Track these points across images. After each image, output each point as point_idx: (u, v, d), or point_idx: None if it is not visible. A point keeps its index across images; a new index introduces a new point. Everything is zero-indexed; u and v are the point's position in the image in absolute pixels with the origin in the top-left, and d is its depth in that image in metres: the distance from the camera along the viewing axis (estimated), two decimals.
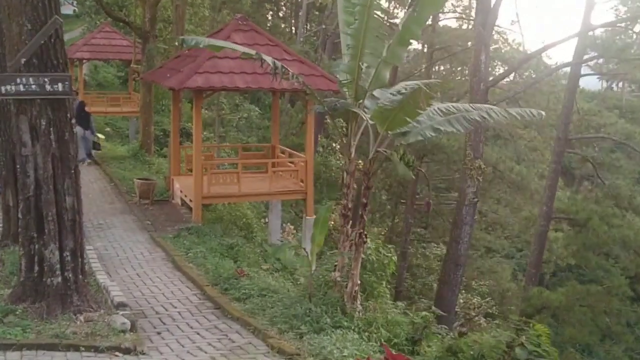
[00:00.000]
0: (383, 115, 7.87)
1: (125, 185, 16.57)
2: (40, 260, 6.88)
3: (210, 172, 13.59)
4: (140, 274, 10.27)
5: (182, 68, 13.14)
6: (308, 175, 14.19)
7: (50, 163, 6.72)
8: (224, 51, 13.00)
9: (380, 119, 7.92)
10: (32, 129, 6.60)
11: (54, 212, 6.84)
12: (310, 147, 14.24)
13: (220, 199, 14.12)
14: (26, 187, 6.77)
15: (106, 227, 13.10)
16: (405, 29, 8.09)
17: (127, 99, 28.16)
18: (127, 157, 20.36)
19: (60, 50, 6.54)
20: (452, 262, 19.49)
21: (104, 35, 26.86)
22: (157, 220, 13.77)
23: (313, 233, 8.48)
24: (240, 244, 12.81)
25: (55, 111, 6.64)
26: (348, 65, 8.39)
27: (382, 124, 7.95)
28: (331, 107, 8.70)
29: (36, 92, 6.46)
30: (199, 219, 13.46)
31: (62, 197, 6.92)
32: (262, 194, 14.37)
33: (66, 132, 6.76)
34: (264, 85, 12.99)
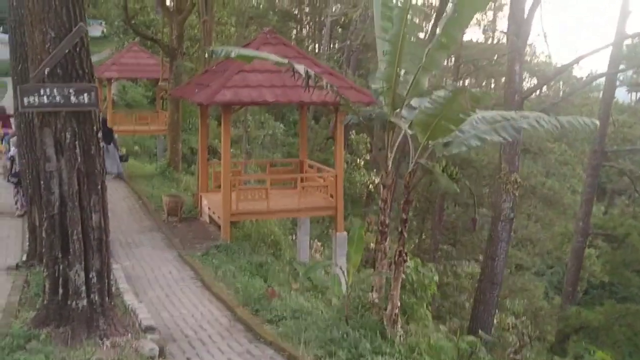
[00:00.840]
0: (424, 124, 7.40)
1: (154, 203, 16.34)
2: (65, 281, 6.53)
3: (238, 189, 13.23)
4: (169, 294, 9.90)
5: (210, 83, 12.88)
6: (338, 190, 13.74)
7: (75, 179, 6.39)
8: (252, 65, 12.75)
9: (421, 128, 7.45)
10: (56, 143, 6.29)
11: (80, 231, 6.50)
12: (340, 160, 13.80)
13: (249, 216, 13.74)
14: (50, 205, 6.44)
15: (134, 246, 12.81)
16: (444, 33, 7.64)
17: (155, 118, 28.16)
18: (155, 174, 20.19)
19: (86, 60, 6.24)
20: (487, 280, 18.76)
21: (132, 55, 26.98)
22: (186, 238, 13.44)
23: (348, 252, 8.01)
24: (269, 262, 12.42)
25: (81, 124, 6.33)
26: (385, 73, 7.95)
27: (423, 133, 7.47)
28: (367, 118, 8.26)
29: (60, 104, 6.16)
30: (227, 237, 13.10)
31: (88, 215, 6.58)
32: (291, 211, 13.95)
33: (92, 146, 6.43)
34: (293, 99, 12.64)
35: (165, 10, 19.71)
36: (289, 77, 13.09)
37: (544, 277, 39.03)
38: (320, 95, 12.77)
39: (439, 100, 7.08)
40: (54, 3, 6.00)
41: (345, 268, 14.41)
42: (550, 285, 38.64)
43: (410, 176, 7.66)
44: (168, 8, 19.64)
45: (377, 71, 8.33)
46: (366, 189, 34.10)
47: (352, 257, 7.90)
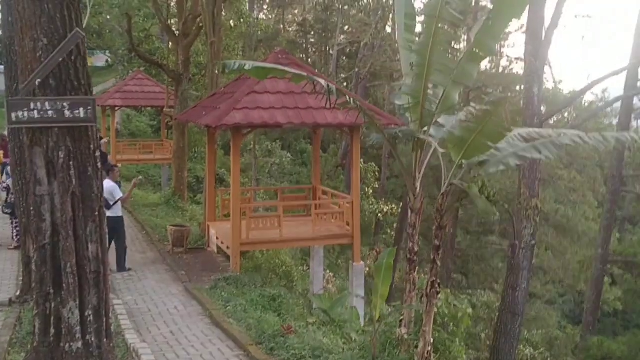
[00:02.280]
0: (458, 141, 6.66)
1: (158, 233, 15.58)
2: (58, 321, 5.74)
3: (248, 217, 12.46)
4: (175, 331, 9.06)
5: (219, 105, 12.23)
6: (355, 217, 12.96)
7: (69, 204, 5.65)
8: (263, 86, 12.14)
9: (455, 145, 6.71)
10: (48, 164, 5.57)
11: (74, 263, 5.73)
12: (356, 186, 13.05)
13: (260, 246, 12.95)
14: (41, 234, 5.69)
15: (137, 279, 12.00)
16: (477, 42, 6.95)
17: (160, 146, 27.63)
18: (160, 204, 19.46)
19: (82, 70, 5.55)
20: (508, 311, 17.73)
21: (136, 82, 26.60)
22: (192, 270, 12.63)
23: (375, 284, 7.20)
24: (283, 295, 11.56)
25: (76, 142, 5.61)
26: (412, 86, 7.25)
27: (457, 151, 6.72)
28: (392, 136, 7.53)
29: (53, 119, 5.46)
30: (237, 268, 12.31)
31: (83, 245, 5.82)
32: (305, 239, 13.16)
33: (89, 167, 5.70)
34: (306, 121, 11.97)
35: (170, 34, 19.25)
36: (301, 98, 12.51)
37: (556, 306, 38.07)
38: (335, 116, 12.21)
39: (477, 114, 6.34)
40: (47, 7, 5.34)
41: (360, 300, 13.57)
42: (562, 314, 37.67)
43: (443, 199, 6.88)
44: (174, 32, 19.17)
45: (403, 86, 7.63)
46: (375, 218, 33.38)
47: (379, 289, 7.10)
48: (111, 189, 12.09)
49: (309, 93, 12.42)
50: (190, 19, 18.72)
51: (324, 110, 12.14)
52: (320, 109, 12.14)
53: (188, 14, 18.80)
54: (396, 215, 33.49)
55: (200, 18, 18.66)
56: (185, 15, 18.76)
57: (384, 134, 7.47)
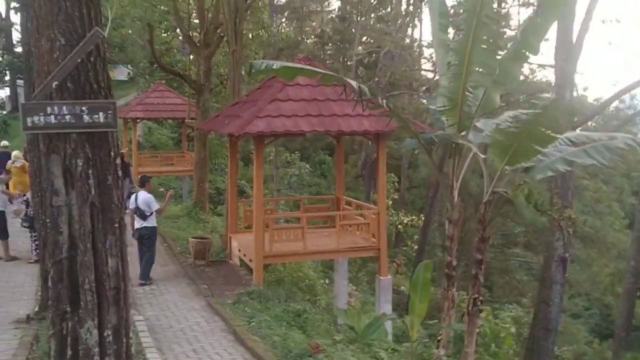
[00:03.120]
0: (503, 146, 6.19)
1: (179, 245, 15.24)
2: (74, 341, 5.32)
3: (271, 228, 12.05)
4: (198, 349, 8.65)
5: (241, 113, 11.89)
6: (381, 228, 12.49)
7: (88, 215, 5.26)
8: (286, 93, 11.79)
9: (499, 151, 6.24)
10: (65, 172, 5.19)
11: (92, 279, 5.33)
12: (382, 196, 12.58)
13: (283, 258, 12.53)
14: (58, 247, 5.31)
15: (158, 293, 11.64)
16: (523, 40, 6.50)
17: (181, 158, 27.44)
18: (181, 215, 19.14)
19: (102, 72, 5.19)
20: (541, 327, 17.09)
21: (157, 95, 26.51)
22: (214, 284, 12.24)
23: (411, 300, 6.72)
24: (308, 310, 11.11)
25: (96, 149, 5.23)
26: (449, 88, 6.81)
27: (502, 156, 6.26)
28: (428, 141, 7.07)
29: (71, 124, 5.08)
30: (260, 281, 11.89)
31: (103, 259, 5.42)
32: (329, 252, 12.69)
33: (109, 176, 5.32)
34: (330, 128, 11.56)
35: (192, 45, 19.04)
36: (325, 105, 12.11)
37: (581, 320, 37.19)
38: (360, 123, 11.78)
39: (524, 118, 5.87)
40: (65, 4, 4.99)
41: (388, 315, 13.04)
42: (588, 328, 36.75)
43: (485, 208, 6.40)
44: (195, 43, 18.96)
45: (439, 87, 7.17)
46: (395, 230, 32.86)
47: (416, 307, 6.61)
48: (148, 200, 12.03)
49: (333, 100, 12.05)
50: (212, 29, 18.51)
51: (349, 117, 11.74)
52: (345, 116, 11.75)
53: (209, 24, 18.59)
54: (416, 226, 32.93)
55: (222, 28, 18.44)
56: (207, 26, 18.55)
57: (419, 139, 7.01)
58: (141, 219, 11.98)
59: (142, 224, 12.03)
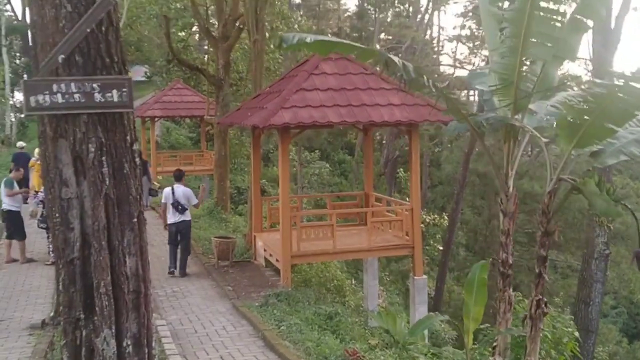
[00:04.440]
0: (571, 127, 5.41)
1: (201, 246, 14.64)
2: (90, 352, 4.68)
3: (299, 226, 11.36)
4: (225, 356, 8.01)
5: (265, 105, 11.21)
6: (415, 225, 11.74)
7: (102, 209, 4.61)
8: (312, 83, 11.12)
9: (568, 131, 5.46)
10: (75, 160, 4.55)
11: (109, 282, 4.68)
12: (416, 191, 11.82)
13: (312, 258, 11.85)
14: (69, 246, 4.67)
15: (181, 296, 11.02)
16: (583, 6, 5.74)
17: (200, 157, 26.92)
18: (202, 215, 18.54)
19: (115, 44, 4.53)
20: (581, 328, 16.15)
21: (175, 92, 26.04)
22: (240, 285, 11.60)
23: (466, 303, 5.98)
24: (340, 312, 10.41)
25: (109, 132, 4.58)
26: (503, 64, 6.03)
27: (570, 138, 5.48)
28: (478, 124, 6.32)
29: (81, 104, 4.44)
30: (288, 282, 11.21)
31: (120, 259, 4.77)
32: (360, 250, 11.95)
33: (125, 163, 4.66)
34: (360, 119, 10.84)
35: (210, 38, 18.44)
36: (354, 95, 11.39)
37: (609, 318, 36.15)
38: (391, 113, 11.05)
39: (598, 91, 5.09)
40: None
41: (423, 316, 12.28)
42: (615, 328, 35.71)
43: (550, 198, 5.63)
44: (213, 36, 18.36)
45: (490, 65, 6.42)
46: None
47: (471, 310, 5.87)
48: (187, 194, 12.12)
49: (362, 89, 11.35)
50: (230, 20, 17.89)
51: (379, 107, 11.03)
52: (375, 106, 11.03)
53: (227, 16, 17.98)
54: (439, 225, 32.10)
55: (241, 19, 17.82)
56: (225, 18, 17.94)
57: (468, 122, 6.25)
58: (180, 212, 11.95)
59: (181, 218, 11.98)
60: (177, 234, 12.06)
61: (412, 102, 11.14)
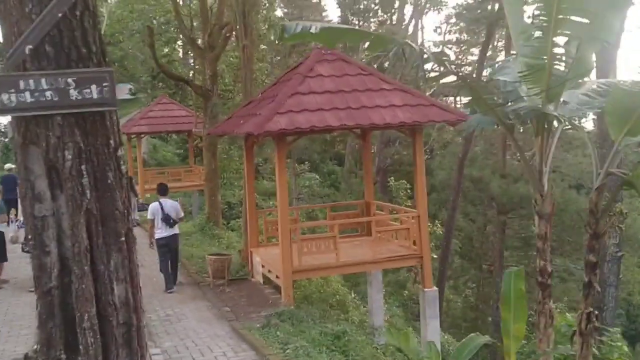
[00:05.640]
0: (620, 114, 4.74)
1: (194, 264, 13.84)
2: None
3: (299, 239, 10.63)
4: None
5: (258, 111, 10.51)
6: (422, 234, 11.05)
7: (83, 227, 3.87)
8: (307, 86, 10.45)
9: (618, 119, 4.80)
10: (50, 170, 3.82)
11: (94, 314, 3.93)
12: (422, 197, 11.14)
13: (315, 272, 11.11)
14: (45, 273, 3.93)
15: (175, 320, 10.20)
16: None
17: (188, 173, 26.11)
18: (193, 232, 17.73)
19: (92, 31, 3.81)
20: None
21: (161, 107, 25.36)
22: (238, 305, 10.82)
23: (503, 319, 5.26)
24: (348, 331, 9.65)
25: (89, 136, 3.85)
26: (532, 46, 5.38)
27: (620, 126, 4.81)
28: (507, 115, 5.64)
29: (54, 104, 3.73)
30: (290, 300, 10.46)
31: (107, 286, 4.03)
32: (365, 263, 11.22)
33: (109, 173, 3.93)
34: (361, 122, 10.16)
35: (195, 48, 17.76)
36: (353, 97, 10.69)
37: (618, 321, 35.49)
38: (394, 115, 10.38)
39: None
40: None
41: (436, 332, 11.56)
42: None
43: (598, 195, 4.96)
44: (199, 46, 17.67)
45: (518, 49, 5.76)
46: None
47: (510, 326, 5.15)
48: (177, 207, 11.91)
49: (361, 90, 10.70)
50: (216, 29, 17.22)
51: (380, 109, 10.37)
52: (376, 108, 10.36)
53: (213, 25, 17.31)
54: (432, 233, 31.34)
55: (227, 28, 17.17)
56: (210, 26, 17.27)
57: (496, 114, 5.58)
58: (170, 226, 11.65)
59: (172, 232, 11.74)
60: (168, 248, 11.72)
61: (415, 103, 10.50)
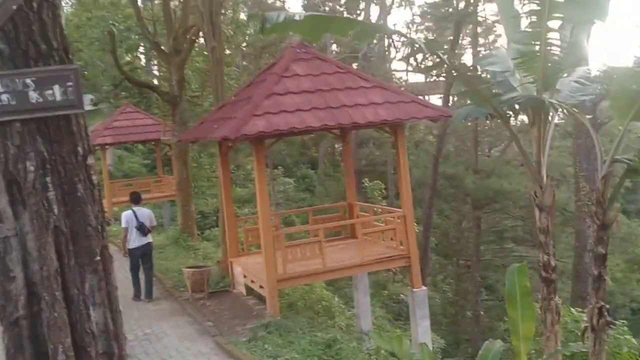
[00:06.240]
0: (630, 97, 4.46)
1: (171, 278, 13.27)
2: None
3: (283, 246, 10.20)
4: None
5: (233, 114, 10.06)
6: (409, 233, 10.74)
7: (52, 247, 3.40)
8: (283, 86, 10.06)
9: (623, 104, 4.52)
10: (10, 184, 3.33)
11: (69, 344, 3.45)
12: (407, 196, 10.82)
13: (301, 280, 10.68)
14: (10, 301, 3.43)
15: (155, 338, 9.66)
16: None
17: (158, 183, 25.39)
18: (167, 244, 17.12)
19: (53, 24, 3.34)
20: None
21: (126, 117, 24.57)
22: (221, 319, 10.34)
23: (510, 317, 4.93)
24: (339, 338, 9.28)
25: (54, 143, 3.38)
26: (526, 33, 5.09)
27: (625, 111, 4.54)
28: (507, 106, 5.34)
29: (11, 108, 3.25)
30: (276, 310, 10.03)
31: (82, 313, 3.56)
32: (353, 267, 10.84)
33: (78, 184, 3.46)
34: (342, 121, 9.79)
35: (160, 53, 17.18)
36: (332, 96, 10.29)
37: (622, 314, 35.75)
38: (375, 113, 10.05)
39: None
40: None
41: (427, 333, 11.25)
42: None
43: (605, 184, 4.68)
44: (163, 51, 17.11)
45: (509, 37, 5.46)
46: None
47: (519, 326, 4.81)
48: (150, 215, 11.81)
49: (340, 89, 10.35)
50: (181, 33, 16.71)
51: (361, 107, 10.03)
52: (356, 106, 10.01)
53: (177, 28, 16.79)
54: None
55: (192, 31, 16.66)
56: (175, 30, 16.74)
57: (491, 104, 5.27)
58: (144, 235, 11.52)
59: (146, 241, 11.61)
60: (141, 257, 11.60)
61: (395, 100, 10.18)
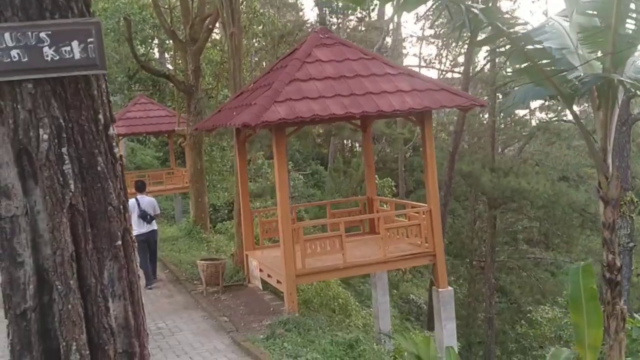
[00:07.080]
0: None
1: (184, 271, 12.88)
2: None
3: (302, 240, 9.72)
4: None
5: (253, 101, 9.58)
6: (435, 230, 10.24)
7: (67, 228, 2.94)
8: (306, 72, 9.59)
9: None
10: (20, 155, 2.89)
11: (84, 342, 3.00)
12: (434, 189, 10.31)
13: (320, 275, 10.22)
14: (17, 291, 2.99)
15: (168, 333, 9.26)
16: None
17: (170, 175, 25.03)
18: (180, 236, 16.74)
19: None
20: None
21: (140, 108, 24.21)
22: (236, 315, 9.91)
23: (575, 324, 4.43)
24: (362, 339, 8.79)
25: (71, 109, 2.92)
26: (595, 3, 4.57)
27: None
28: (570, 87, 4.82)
29: (23, 67, 2.80)
30: (294, 307, 9.57)
31: (100, 306, 3.10)
32: (374, 263, 10.33)
33: (99, 157, 3.01)
34: (368, 109, 9.29)
35: (177, 41, 16.76)
36: (356, 83, 9.76)
37: None
38: (402, 101, 9.55)
39: None
40: None
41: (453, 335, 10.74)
42: None
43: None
44: (180, 39, 16.68)
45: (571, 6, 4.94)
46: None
47: (584, 333, 4.32)
48: (153, 203, 11.92)
49: (364, 76, 9.86)
50: (198, 21, 16.29)
51: (387, 95, 9.53)
52: (382, 94, 9.52)
53: (195, 17, 16.37)
54: None
55: (209, 19, 16.23)
56: (192, 18, 16.31)
57: (553, 83, 4.75)
58: (148, 222, 11.67)
59: (150, 228, 11.77)
60: (147, 243, 11.71)
61: (423, 87, 9.68)
